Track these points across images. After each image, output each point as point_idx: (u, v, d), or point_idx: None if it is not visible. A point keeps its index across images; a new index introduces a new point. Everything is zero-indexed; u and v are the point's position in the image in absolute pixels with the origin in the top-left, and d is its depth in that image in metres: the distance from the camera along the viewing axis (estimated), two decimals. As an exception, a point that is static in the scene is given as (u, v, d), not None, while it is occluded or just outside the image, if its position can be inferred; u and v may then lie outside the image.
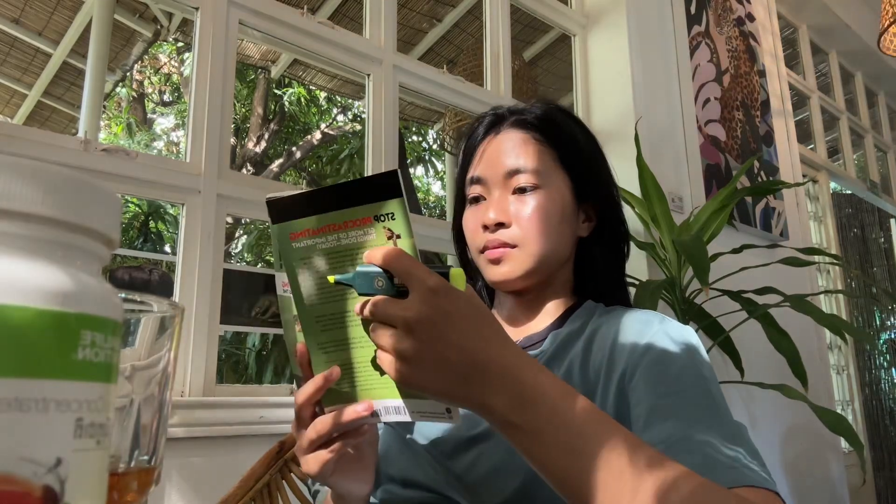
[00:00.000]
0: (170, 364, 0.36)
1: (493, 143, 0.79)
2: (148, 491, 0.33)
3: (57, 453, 0.21)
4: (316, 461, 0.55)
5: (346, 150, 7.25)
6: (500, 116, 0.81)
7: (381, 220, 0.50)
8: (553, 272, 0.77)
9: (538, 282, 0.76)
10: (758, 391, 2.19)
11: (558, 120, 0.79)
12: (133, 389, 0.34)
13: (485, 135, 0.81)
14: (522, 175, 0.74)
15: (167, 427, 0.37)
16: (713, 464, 0.52)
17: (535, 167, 0.75)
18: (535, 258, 0.73)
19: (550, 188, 0.75)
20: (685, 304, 1.87)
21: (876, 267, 4.31)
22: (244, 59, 5.09)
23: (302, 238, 0.52)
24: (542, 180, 0.75)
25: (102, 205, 0.24)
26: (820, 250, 2.04)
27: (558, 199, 0.75)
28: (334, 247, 0.51)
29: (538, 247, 0.73)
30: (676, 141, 2.38)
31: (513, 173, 0.75)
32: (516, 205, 0.74)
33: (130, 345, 0.34)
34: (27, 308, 0.20)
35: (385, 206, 0.50)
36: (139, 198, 5.84)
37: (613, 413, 0.63)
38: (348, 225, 0.51)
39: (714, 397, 0.60)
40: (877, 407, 3.82)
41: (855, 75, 4.29)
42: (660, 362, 0.63)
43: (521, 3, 2.26)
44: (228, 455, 1.24)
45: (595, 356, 0.68)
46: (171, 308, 0.36)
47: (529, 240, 0.73)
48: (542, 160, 0.76)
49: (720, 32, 2.74)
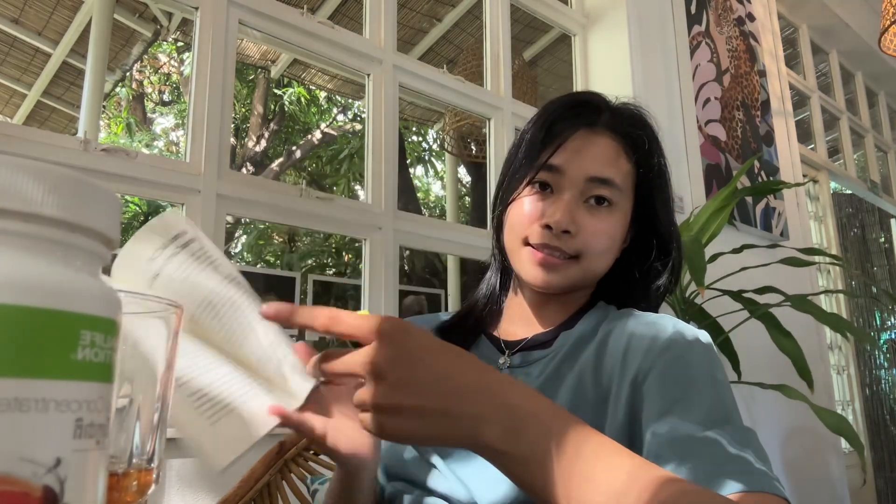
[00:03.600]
0: (170, 364, 0.36)
1: (585, 138, 0.72)
2: (148, 491, 0.33)
3: (56, 453, 0.21)
4: (337, 432, 0.55)
5: (346, 150, 7.25)
6: (597, 108, 0.75)
7: None
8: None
9: (574, 289, 0.75)
10: (758, 391, 2.19)
11: (651, 137, 0.75)
12: (133, 389, 0.34)
13: (578, 124, 0.73)
14: (605, 188, 0.70)
15: (167, 427, 0.37)
16: (721, 465, 0.51)
17: (620, 184, 0.71)
18: (586, 273, 0.72)
19: (623, 207, 0.72)
20: (685, 304, 1.87)
21: (876, 267, 4.30)
22: (244, 59, 5.09)
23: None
24: (619, 198, 0.71)
25: (102, 205, 0.24)
26: (820, 250, 2.05)
27: (624, 223, 0.73)
28: None
29: (594, 265, 0.71)
30: (677, 141, 2.38)
31: (596, 181, 0.70)
32: (587, 217, 0.70)
33: (130, 345, 0.34)
34: (27, 308, 0.20)
35: None
36: (139, 198, 5.84)
37: (626, 414, 0.62)
38: None
39: (725, 401, 0.59)
40: (877, 407, 3.82)
41: (855, 75, 4.29)
42: (673, 364, 0.62)
43: (521, 3, 2.26)
44: (228, 455, 1.24)
45: (608, 360, 0.67)
46: (171, 308, 0.36)
47: (589, 257, 0.70)
48: (625, 177, 0.72)
49: (720, 32, 2.74)
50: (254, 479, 0.92)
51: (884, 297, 3.81)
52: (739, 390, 2.16)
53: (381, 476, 0.72)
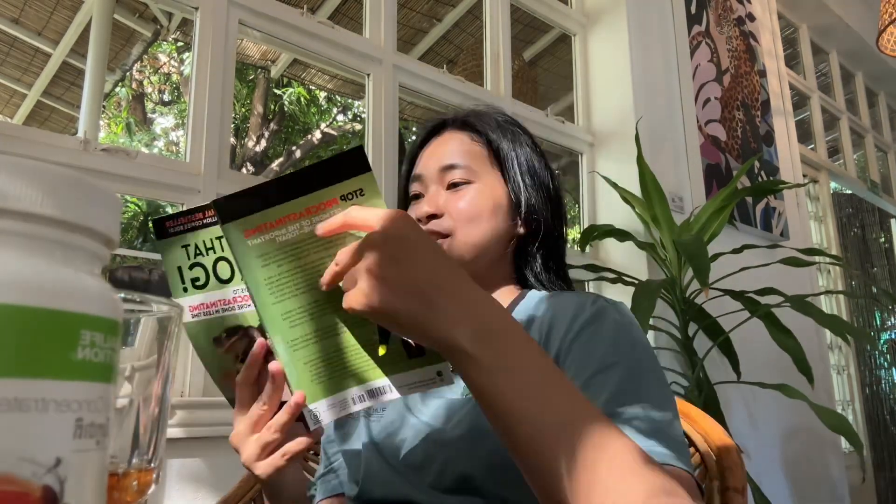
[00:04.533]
0: (170, 364, 0.36)
1: (433, 144, 0.82)
2: (148, 491, 0.33)
3: (57, 453, 0.21)
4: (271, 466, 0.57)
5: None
6: (444, 122, 0.85)
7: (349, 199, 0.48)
8: (489, 265, 0.79)
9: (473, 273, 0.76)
10: (758, 391, 2.19)
11: (495, 122, 0.83)
12: (133, 389, 0.34)
13: (428, 138, 0.84)
14: (456, 171, 0.78)
15: (167, 427, 0.37)
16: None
17: (466, 163, 0.78)
18: (466, 247, 0.75)
19: (483, 183, 0.78)
20: (685, 304, 1.87)
21: (876, 267, 4.30)
22: (244, 59, 5.09)
23: (259, 234, 0.49)
24: (474, 176, 0.78)
25: (102, 205, 0.24)
26: (820, 250, 2.05)
27: (489, 194, 0.78)
28: (297, 237, 0.49)
29: (469, 236, 0.75)
30: (677, 141, 2.38)
31: (447, 168, 0.78)
32: (448, 197, 0.77)
33: (130, 345, 0.34)
34: (27, 308, 0.20)
35: (351, 184, 0.48)
36: (139, 198, 5.84)
37: None
38: (311, 211, 0.49)
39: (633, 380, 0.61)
40: (877, 407, 3.82)
41: (855, 75, 4.29)
42: (591, 340, 0.65)
43: (521, 3, 2.26)
44: (228, 455, 1.24)
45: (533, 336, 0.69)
46: (171, 308, 0.36)
47: (460, 229, 0.75)
48: (475, 157, 0.79)
49: (720, 32, 2.74)
50: (253, 479, 0.92)
51: (884, 298, 3.81)
52: (740, 390, 2.17)
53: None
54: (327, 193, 0.48)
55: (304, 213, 0.49)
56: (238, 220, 0.49)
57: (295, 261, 0.49)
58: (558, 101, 3.42)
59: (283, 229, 0.49)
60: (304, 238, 0.49)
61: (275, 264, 0.50)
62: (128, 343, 0.34)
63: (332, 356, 0.52)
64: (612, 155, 2.27)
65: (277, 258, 0.50)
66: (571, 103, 2.41)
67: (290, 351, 0.52)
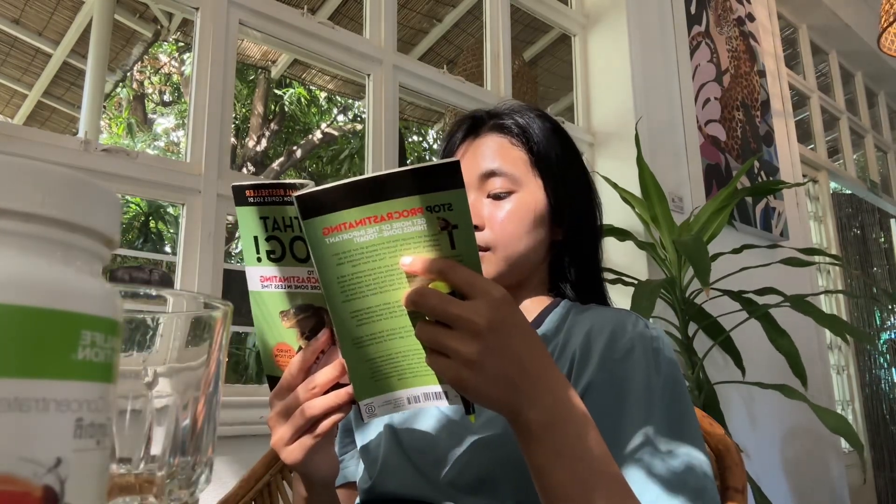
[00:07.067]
0: (220, 360, 0.36)
1: (471, 147, 0.79)
2: (197, 489, 0.34)
3: (57, 453, 0.21)
4: (301, 448, 0.56)
5: (347, 150, 7.26)
6: (479, 120, 0.82)
7: (436, 211, 0.47)
8: (526, 275, 0.77)
9: (510, 284, 0.75)
10: (758, 391, 2.20)
11: (535, 124, 0.80)
12: (171, 391, 0.34)
13: (463, 139, 0.81)
14: (497, 179, 0.75)
15: (216, 427, 0.37)
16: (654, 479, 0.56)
17: (510, 171, 0.75)
18: (507, 262, 0.74)
19: (525, 192, 0.75)
20: (685, 304, 1.87)
21: (876, 267, 4.30)
22: (244, 59, 5.09)
23: (337, 233, 0.49)
24: (516, 185, 0.75)
25: (102, 205, 0.24)
26: (820, 250, 2.05)
27: (532, 204, 0.75)
28: (375, 239, 0.48)
29: (511, 251, 0.73)
30: (677, 141, 2.38)
31: (488, 175, 0.75)
32: (490, 209, 0.74)
33: (149, 347, 0.34)
34: (27, 308, 0.20)
35: (441, 197, 0.47)
36: (139, 198, 5.84)
37: None
38: (392, 216, 0.47)
39: (653, 418, 0.61)
40: (877, 407, 3.82)
41: (855, 75, 4.29)
42: (627, 378, 0.64)
43: (521, 3, 2.26)
44: (228, 455, 1.24)
45: (567, 355, 0.68)
46: (221, 307, 0.35)
47: (502, 244, 0.73)
48: (518, 164, 0.76)
49: (720, 32, 2.74)
50: (254, 479, 0.92)
51: (883, 298, 3.81)
52: (739, 390, 2.17)
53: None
54: (415, 202, 0.47)
55: (386, 217, 0.48)
56: (319, 217, 0.49)
57: (370, 263, 0.49)
58: (558, 102, 3.42)
59: (361, 230, 0.48)
60: (383, 242, 0.48)
61: (349, 264, 0.49)
62: (151, 344, 0.34)
63: (393, 356, 0.52)
64: (612, 155, 2.27)
65: (353, 258, 0.49)
66: (571, 103, 2.41)
67: (354, 348, 0.52)
